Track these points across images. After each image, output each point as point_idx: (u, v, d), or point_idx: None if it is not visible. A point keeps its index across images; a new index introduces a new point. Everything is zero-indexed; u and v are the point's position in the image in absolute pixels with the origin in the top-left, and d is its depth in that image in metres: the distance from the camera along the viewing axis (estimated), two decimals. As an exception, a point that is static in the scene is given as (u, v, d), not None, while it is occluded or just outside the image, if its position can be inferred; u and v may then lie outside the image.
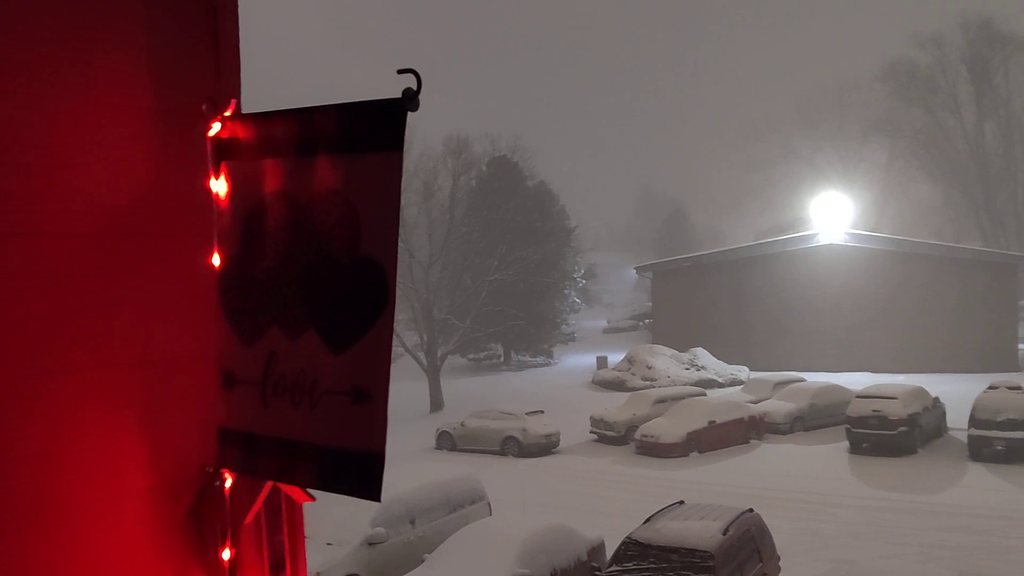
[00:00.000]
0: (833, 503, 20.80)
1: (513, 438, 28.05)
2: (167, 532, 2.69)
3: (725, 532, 12.70)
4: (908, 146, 70.99)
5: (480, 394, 39.82)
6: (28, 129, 2.44)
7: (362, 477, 2.35)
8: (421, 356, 40.00)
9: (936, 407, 27.37)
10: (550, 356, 54.73)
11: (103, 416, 2.55)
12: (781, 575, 14.04)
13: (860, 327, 43.47)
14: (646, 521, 13.61)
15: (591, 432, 29.97)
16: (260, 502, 2.71)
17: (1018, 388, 25.42)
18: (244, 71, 2.89)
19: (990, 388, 25.83)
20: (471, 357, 53.34)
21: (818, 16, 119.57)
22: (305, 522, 3.03)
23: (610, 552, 13.60)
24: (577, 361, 52.05)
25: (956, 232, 66.79)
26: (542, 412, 29.82)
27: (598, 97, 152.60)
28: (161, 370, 2.68)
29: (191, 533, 2.74)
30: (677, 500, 14.78)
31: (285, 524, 2.88)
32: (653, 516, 13.80)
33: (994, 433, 23.62)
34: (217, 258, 2.69)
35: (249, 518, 2.72)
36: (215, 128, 2.67)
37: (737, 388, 37.92)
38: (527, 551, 12.96)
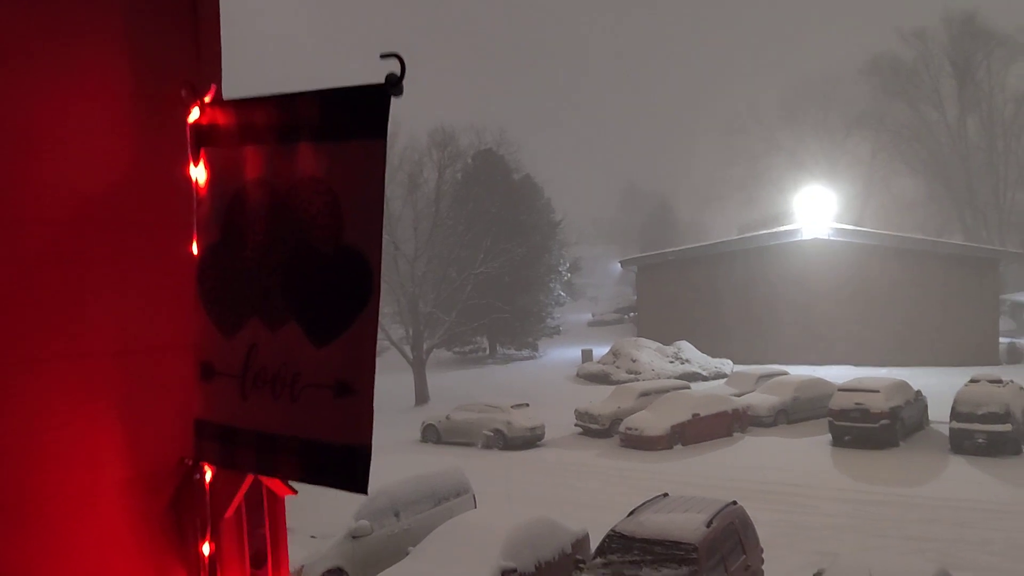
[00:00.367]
0: (816, 495, 20.92)
1: (498, 431, 28.07)
2: (146, 525, 2.65)
3: (709, 524, 12.74)
4: (891, 140, 71.34)
5: (465, 387, 39.81)
6: (1, 115, 2.39)
7: (348, 470, 2.31)
8: (406, 349, 39.94)
9: (918, 400, 27.56)
10: (535, 349, 54.77)
11: (80, 407, 2.50)
12: (764, 567, 14.12)
13: (843, 321, 43.72)
14: (630, 514, 13.63)
15: (576, 425, 30.01)
16: (241, 495, 2.68)
17: (999, 382, 25.61)
18: (225, 56, 2.84)
19: (971, 382, 26.01)
20: (456, 350, 53.30)
21: (802, 10, 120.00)
22: (288, 515, 3.00)
23: (594, 544, 13.62)
24: (562, 354, 52.11)
25: (938, 226, 67.21)
26: (527, 405, 29.85)
27: (583, 91, 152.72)
28: (139, 360, 2.63)
29: (170, 527, 2.70)
30: (661, 493, 14.82)
31: (267, 517, 2.85)
32: (637, 509, 13.83)
33: (975, 426, 23.80)
34: (195, 247, 2.64)
35: (230, 512, 2.68)
36: (194, 114, 2.62)
37: (721, 381, 38.07)
38: (512, 544, 12.96)
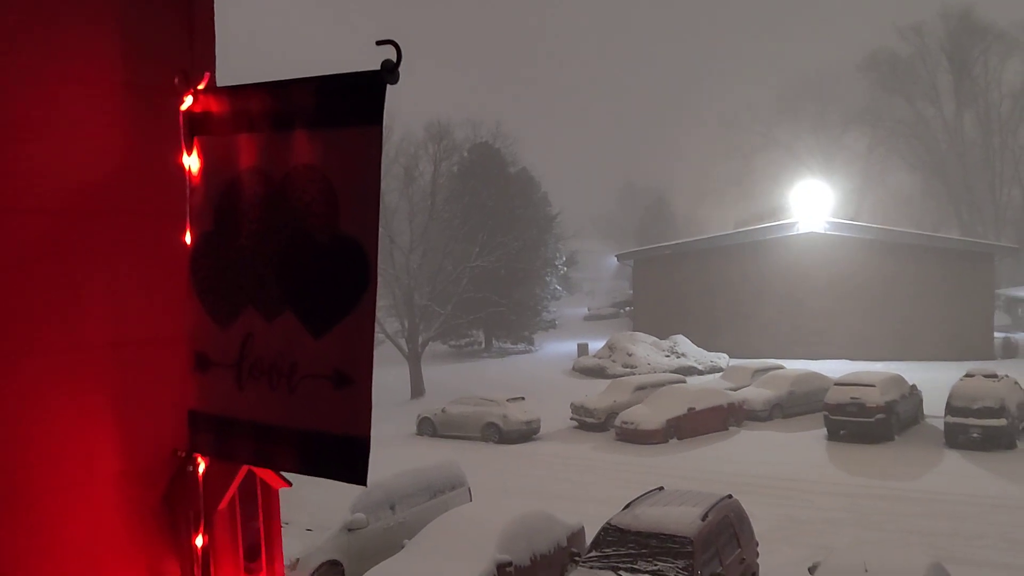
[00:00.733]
0: (811, 489, 20.95)
1: (494, 424, 28.08)
2: (139, 518, 2.63)
3: (704, 518, 12.75)
4: (888, 135, 71.45)
5: (461, 381, 39.81)
6: (-8, 101, 2.35)
7: (347, 461, 2.30)
8: (402, 342, 39.91)
9: (913, 395, 27.61)
10: (531, 343, 54.78)
11: (72, 399, 2.48)
12: (759, 560, 14.14)
13: (839, 315, 43.78)
14: (626, 507, 13.63)
15: (571, 419, 30.02)
16: (234, 488, 2.66)
17: (994, 376, 25.65)
18: (219, 43, 2.80)
19: (966, 376, 26.05)
20: (452, 344, 53.29)
21: (799, 5, 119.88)
22: (284, 507, 2.98)
23: (590, 538, 13.63)
24: (558, 348, 52.12)
25: (935, 221, 67.36)
26: (523, 399, 29.86)
27: (580, 84, 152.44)
28: (132, 352, 2.60)
29: (163, 519, 2.68)
30: (657, 486, 14.83)
31: (261, 510, 2.83)
32: (633, 502, 13.84)
33: (970, 421, 23.84)
34: (189, 236, 2.62)
35: (223, 504, 2.66)
36: (188, 102, 2.58)
37: (717, 375, 38.08)
38: (507, 537, 12.96)
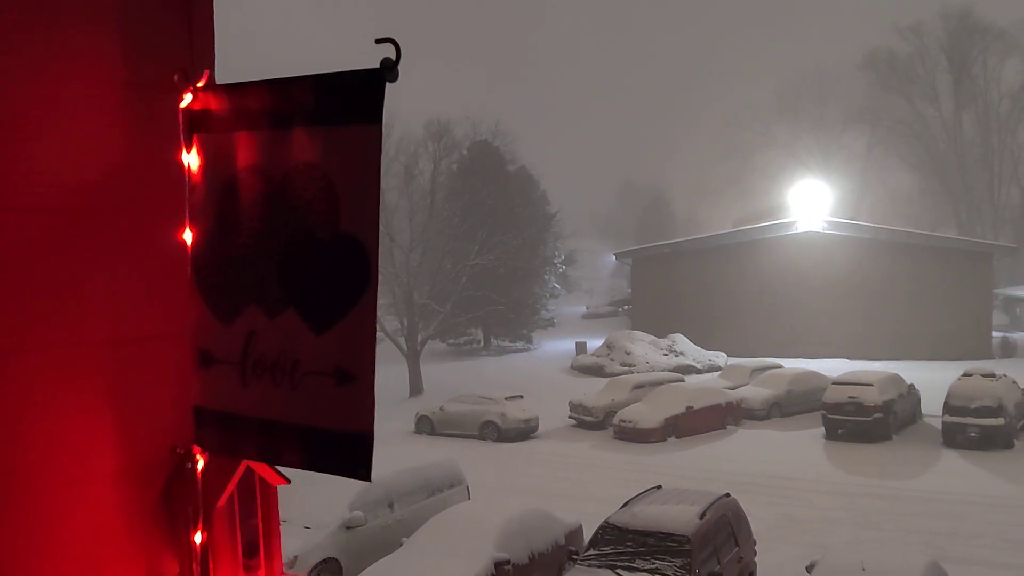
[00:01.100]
0: (809, 488, 20.98)
1: (492, 423, 28.08)
2: (137, 516, 2.63)
3: (702, 516, 12.77)
4: (887, 135, 71.48)
5: (460, 379, 39.81)
6: (-8, 99, 2.35)
7: (351, 457, 2.32)
8: (401, 341, 39.90)
9: (911, 394, 27.64)
10: (529, 341, 54.79)
11: (71, 397, 2.48)
12: (757, 559, 14.16)
13: (837, 314, 43.82)
14: (623, 505, 13.65)
15: (570, 417, 30.04)
16: (233, 485, 2.66)
17: (992, 376, 25.68)
18: (218, 41, 2.80)
19: (964, 375, 26.08)
20: (451, 342, 53.28)
21: (799, 4, 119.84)
22: (282, 505, 2.98)
23: (588, 536, 13.64)
24: (556, 347, 52.13)
25: (933, 221, 67.37)
26: (521, 397, 29.87)
27: (580, 83, 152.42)
28: (131, 349, 2.61)
29: (162, 516, 2.68)
30: (655, 485, 14.84)
31: (259, 507, 2.83)
32: (631, 500, 13.85)
33: (968, 420, 23.87)
34: (189, 234, 2.62)
35: (222, 501, 2.66)
36: (187, 99, 2.58)
37: (715, 374, 38.09)
38: (505, 535, 12.97)
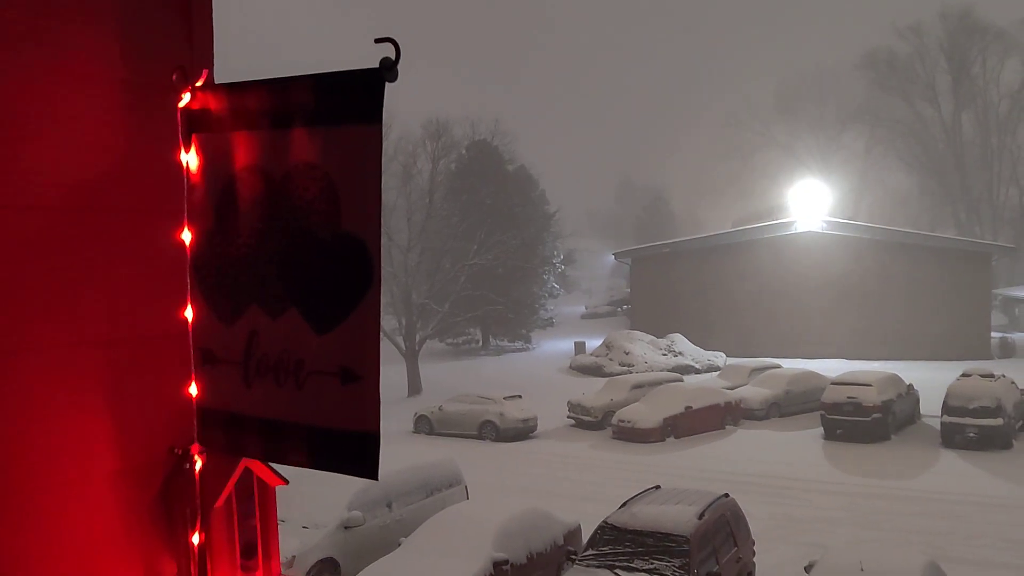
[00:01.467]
0: (808, 488, 20.98)
1: (491, 422, 28.08)
2: (135, 516, 2.63)
3: (701, 517, 12.76)
4: (886, 135, 71.52)
5: (458, 379, 39.80)
6: (-10, 97, 2.35)
7: (358, 456, 2.33)
8: (399, 340, 39.87)
9: (910, 394, 27.64)
10: (528, 341, 54.75)
11: (69, 396, 2.47)
12: (756, 559, 14.16)
13: (836, 314, 43.83)
14: (622, 505, 13.64)
15: (568, 417, 30.02)
16: (231, 486, 2.65)
17: (991, 376, 25.69)
18: (217, 40, 2.80)
19: (963, 376, 26.07)
20: (449, 342, 53.24)
21: (798, 4, 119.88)
22: (281, 505, 2.98)
23: (586, 536, 13.63)
24: (555, 346, 52.11)
25: (932, 221, 67.44)
26: (520, 397, 29.85)
27: (579, 82, 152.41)
28: (129, 349, 2.60)
29: (160, 517, 2.68)
30: (653, 485, 14.83)
31: (257, 508, 2.82)
32: (629, 501, 13.84)
33: (966, 420, 23.86)
34: (188, 234, 2.61)
35: (220, 502, 2.66)
36: (186, 99, 2.58)
37: (714, 374, 38.07)
38: (504, 535, 12.96)
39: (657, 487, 14.61)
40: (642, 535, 12.50)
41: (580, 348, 47.06)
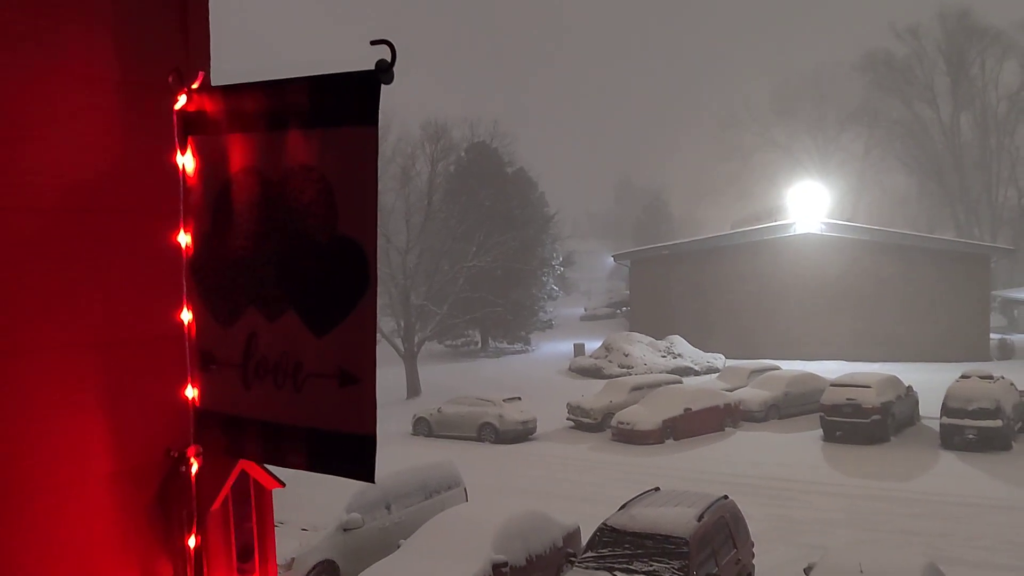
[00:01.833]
0: (807, 490, 20.97)
1: (490, 424, 28.06)
2: (132, 518, 2.62)
3: (700, 518, 12.75)
4: (884, 136, 71.60)
5: (457, 380, 39.78)
6: (-15, 99, 2.34)
7: (355, 458, 2.33)
8: (398, 342, 39.84)
9: (909, 396, 27.63)
10: (527, 343, 54.75)
11: (65, 398, 2.47)
12: (755, 561, 14.15)
13: (835, 316, 43.84)
14: (621, 507, 13.64)
15: (568, 419, 30.01)
16: (227, 488, 2.65)
17: (990, 377, 25.69)
18: (214, 42, 2.79)
19: (962, 377, 26.07)
20: (448, 343, 53.24)
21: (796, 5, 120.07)
22: (280, 507, 2.97)
23: (585, 538, 13.62)
24: (554, 348, 52.10)
25: (931, 222, 67.52)
26: (519, 399, 29.83)
27: (578, 84, 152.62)
28: (124, 351, 2.59)
29: (156, 519, 2.67)
30: (652, 487, 14.83)
31: (254, 511, 2.82)
32: (628, 502, 13.84)
33: (966, 422, 23.85)
34: (186, 236, 2.61)
35: (216, 504, 2.65)
36: (182, 101, 2.58)
37: (713, 376, 38.08)
38: (503, 537, 12.96)
39: (656, 489, 14.60)
40: (641, 537, 12.49)
41: (579, 350, 47.04)
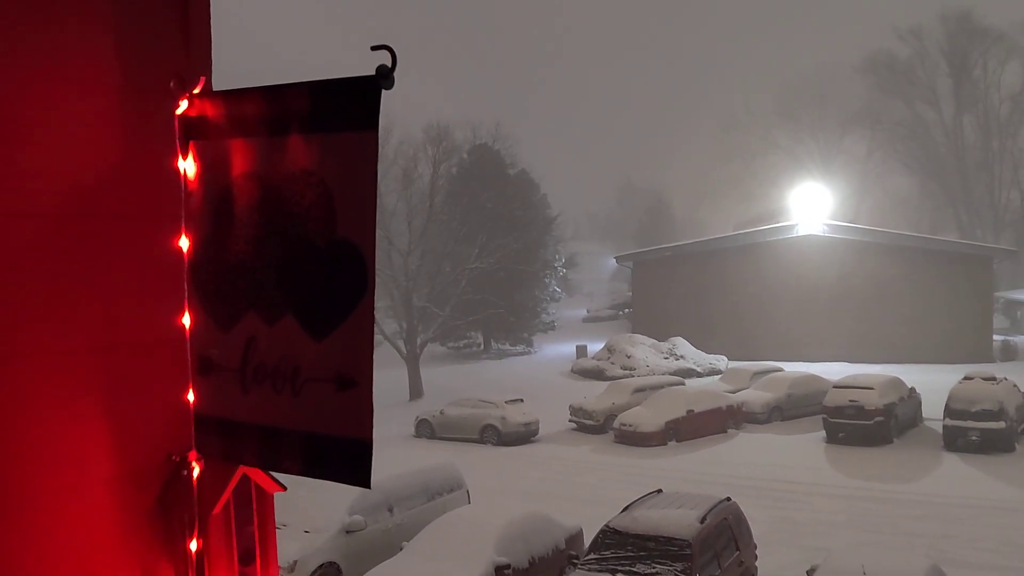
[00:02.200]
0: (810, 492, 20.95)
1: (492, 426, 28.05)
2: (133, 522, 2.62)
3: (702, 520, 12.74)
4: (887, 138, 71.55)
5: (459, 382, 39.78)
6: (-15, 104, 2.35)
7: (351, 464, 2.32)
8: (400, 344, 39.86)
9: (912, 397, 27.59)
10: (530, 345, 54.74)
11: (65, 402, 2.47)
12: (758, 563, 14.13)
13: (838, 317, 43.79)
14: (624, 509, 13.63)
15: (570, 421, 30.01)
16: (229, 492, 2.65)
17: (993, 379, 25.65)
18: (215, 47, 2.80)
19: (965, 379, 26.02)
20: (451, 345, 53.26)
21: (798, 7, 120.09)
22: (281, 509, 2.98)
23: (588, 540, 13.62)
24: (557, 350, 52.09)
25: (933, 224, 67.43)
26: (521, 400, 29.83)
27: (580, 86, 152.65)
28: (125, 355, 2.60)
29: (158, 523, 2.67)
30: (655, 489, 14.82)
31: (255, 514, 2.82)
32: (631, 504, 13.83)
33: (969, 423, 23.82)
34: (186, 241, 2.61)
35: (217, 508, 2.65)
36: (183, 106, 2.58)
37: (715, 378, 38.05)
38: (505, 539, 12.95)
39: (659, 491, 14.60)
40: (644, 539, 12.48)
41: (582, 352, 47.03)
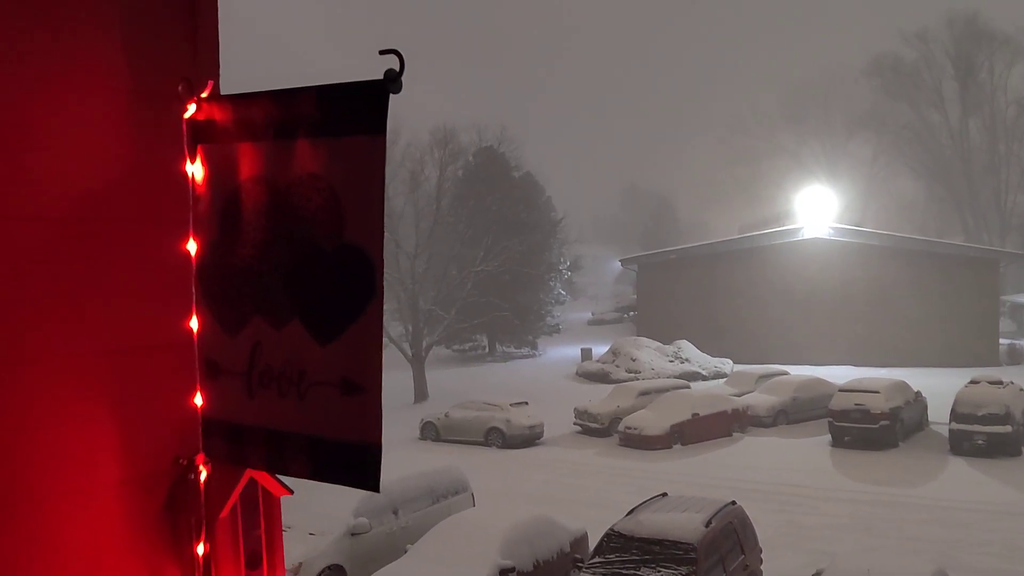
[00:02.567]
0: (815, 496, 20.90)
1: (497, 429, 28.05)
2: (140, 526, 2.62)
3: (708, 524, 12.72)
4: (893, 141, 71.39)
5: (464, 385, 39.78)
6: (-4, 108, 2.36)
7: (359, 468, 2.32)
8: (406, 347, 39.89)
9: (918, 401, 27.53)
10: (535, 348, 54.73)
11: (73, 406, 2.47)
12: (763, 567, 14.10)
13: (843, 321, 43.71)
14: (629, 513, 13.62)
15: (575, 424, 29.99)
16: (236, 495, 2.65)
17: (999, 383, 25.58)
18: (223, 51, 2.81)
19: (971, 383, 25.97)
20: (456, 348, 53.27)
21: (804, 10, 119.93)
22: (287, 511, 2.98)
23: (593, 543, 13.60)
24: (561, 353, 52.08)
25: (939, 227, 67.28)
26: (526, 403, 29.82)
27: (585, 89, 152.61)
28: (133, 359, 2.60)
29: (165, 527, 2.67)
30: (660, 492, 14.80)
31: (262, 518, 2.82)
32: (636, 508, 13.82)
33: (975, 427, 23.77)
34: (193, 245, 2.62)
35: (225, 512, 2.65)
36: (191, 110, 2.59)
37: (721, 381, 38.03)
38: (510, 542, 12.95)
39: (664, 494, 14.58)
40: (649, 543, 12.47)
41: (587, 355, 47.00)
